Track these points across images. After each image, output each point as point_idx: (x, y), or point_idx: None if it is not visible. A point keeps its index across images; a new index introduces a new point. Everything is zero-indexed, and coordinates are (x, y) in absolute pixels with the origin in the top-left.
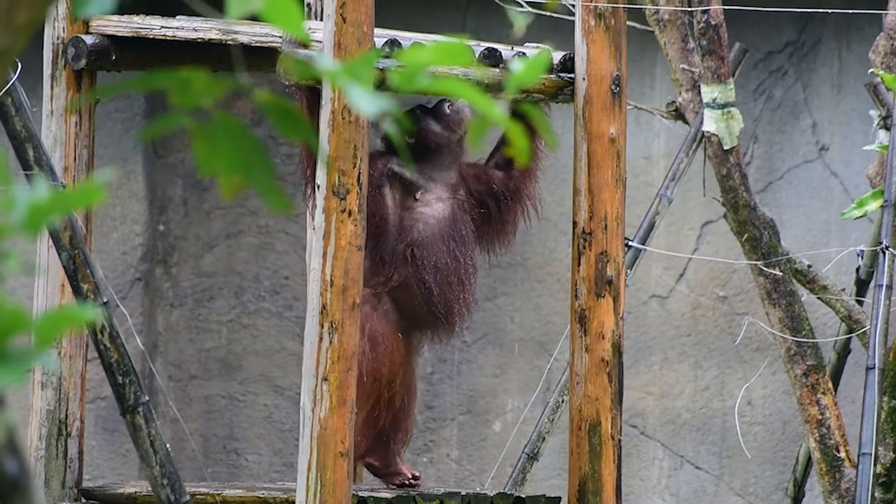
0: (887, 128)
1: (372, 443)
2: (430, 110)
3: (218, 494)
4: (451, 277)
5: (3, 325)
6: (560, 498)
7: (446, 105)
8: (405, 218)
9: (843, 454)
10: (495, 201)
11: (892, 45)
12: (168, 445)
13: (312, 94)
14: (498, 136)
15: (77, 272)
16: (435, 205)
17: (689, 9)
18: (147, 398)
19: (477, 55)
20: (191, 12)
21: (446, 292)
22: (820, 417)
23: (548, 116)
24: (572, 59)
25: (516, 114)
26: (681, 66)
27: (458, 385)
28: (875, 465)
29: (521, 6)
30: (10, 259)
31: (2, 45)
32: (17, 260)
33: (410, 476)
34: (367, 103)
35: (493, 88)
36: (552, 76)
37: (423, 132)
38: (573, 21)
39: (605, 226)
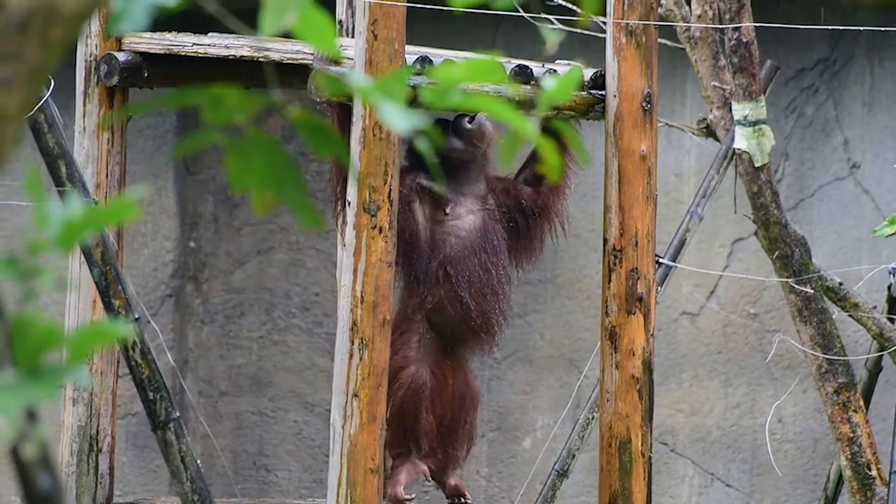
0: None
1: (429, 449)
2: (449, 125)
3: None
4: (486, 289)
5: (36, 340)
6: None
7: (465, 120)
8: (436, 233)
9: (874, 472)
10: (523, 216)
11: None
12: (199, 461)
13: (343, 111)
14: (527, 152)
15: (108, 288)
16: (466, 217)
17: (721, 26)
18: (178, 414)
19: (508, 72)
20: (223, 29)
21: (482, 305)
22: (851, 435)
23: (579, 133)
24: (603, 77)
25: (547, 130)
26: (712, 83)
27: (487, 402)
28: None
29: (553, 23)
30: (44, 275)
31: (36, 62)
32: (50, 276)
33: (462, 492)
34: (399, 120)
35: (525, 105)
36: (583, 93)
37: (444, 148)
38: (604, 38)
39: (636, 243)
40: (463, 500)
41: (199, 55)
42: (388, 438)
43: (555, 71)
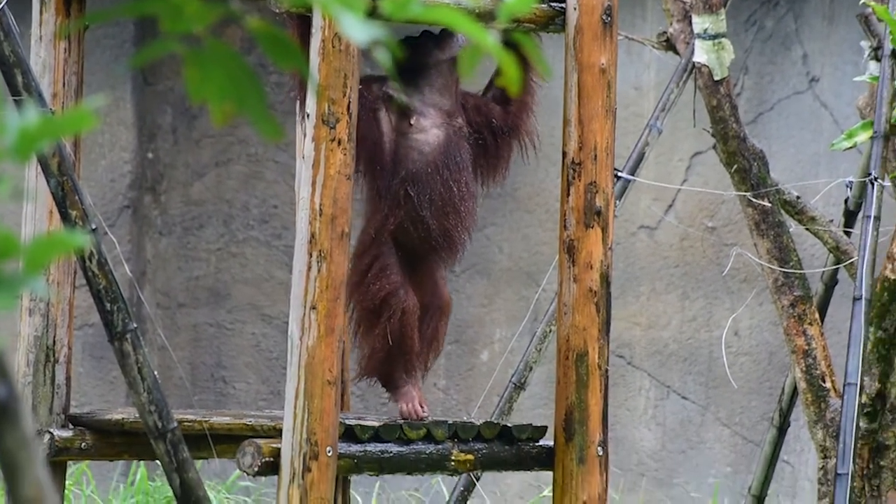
0: (878, 59)
1: (382, 363)
2: (434, 37)
3: (205, 422)
4: (448, 208)
5: None
6: (546, 427)
7: (456, 37)
8: (400, 145)
9: (828, 384)
10: (492, 134)
11: None
12: (156, 373)
13: (304, 23)
14: (493, 70)
15: (65, 199)
16: (431, 131)
17: None
18: (135, 325)
19: None
20: None
21: (444, 224)
22: (806, 348)
23: (539, 46)
24: None
25: (509, 44)
26: None
27: None
28: (860, 395)
29: None
30: (0, 185)
31: None
32: (7, 186)
33: (419, 406)
34: (358, 31)
35: (485, 17)
36: (543, 6)
37: (420, 56)
38: None
39: (595, 156)
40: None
41: None
42: (386, 367)
43: None
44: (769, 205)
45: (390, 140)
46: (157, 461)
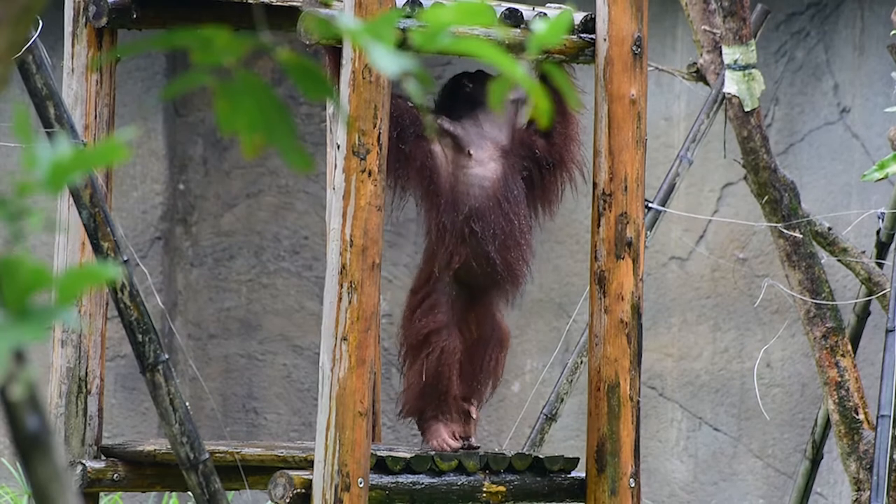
0: None
1: (416, 399)
2: (489, 74)
3: (237, 453)
4: (510, 241)
5: (24, 281)
6: (578, 459)
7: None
8: (459, 180)
9: (861, 416)
10: (538, 167)
11: None
12: (187, 404)
13: (336, 55)
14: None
15: (97, 230)
16: (488, 164)
17: None
18: (167, 356)
19: (498, 15)
20: None
21: (507, 258)
22: (839, 379)
23: (572, 77)
24: (593, 20)
25: (542, 77)
26: (702, 27)
27: None
28: (894, 427)
29: None
30: (32, 216)
31: (24, 2)
32: (39, 217)
33: (447, 437)
34: (389, 62)
35: (515, 49)
36: (573, 37)
37: (478, 91)
38: None
39: (626, 187)
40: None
41: None
42: (419, 403)
43: (545, 14)
44: (801, 236)
45: (448, 174)
46: (189, 492)
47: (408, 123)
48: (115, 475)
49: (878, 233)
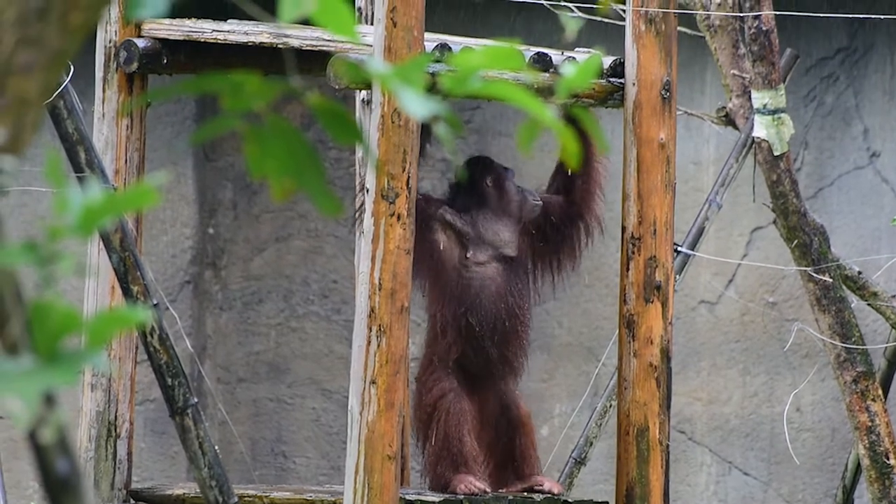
0: None
1: (434, 465)
2: (484, 163)
3: (266, 496)
4: (510, 336)
5: (55, 326)
6: (607, 503)
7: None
8: (462, 275)
9: (892, 461)
10: (555, 229)
11: None
12: (216, 447)
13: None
14: (555, 166)
15: (127, 274)
16: (490, 264)
17: (741, 14)
18: (196, 400)
19: (527, 59)
20: (242, 16)
21: (504, 351)
22: (870, 424)
23: (598, 121)
24: (622, 64)
25: (570, 121)
26: (731, 71)
27: None
28: None
29: (573, 11)
30: (63, 261)
31: (56, 47)
32: (70, 262)
33: (474, 481)
34: (418, 106)
35: (544, 93)
36: (602, 81)
37: (475, 182)
38: (623, 26)
39: (655, 231)
40: (550, 492)
41: (219, 42)
42: (439, 467)
43: (574, 58)
44: (830, 280)
45: (452, 267)
46: None
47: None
48: None
49: None
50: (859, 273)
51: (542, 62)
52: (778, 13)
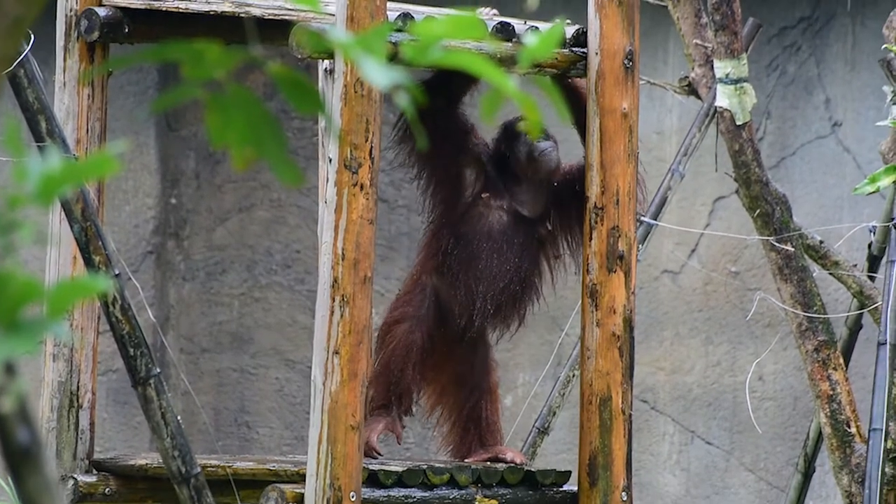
0: None
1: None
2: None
3: (229, 467)
4: (504, 293)
5: (15, 295)
6: (570, 472)
7: (539, 147)
8: (471, 208)
9: (853, 430)
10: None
11: None
12: (179, 418)
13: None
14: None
15: (89, 244)
16: (495, 212)
17: None
18: (158, 370)
19: (490, 29)
20: None
21: (493, 305)
22: (831, 393)
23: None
24: (585, 34)
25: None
26: (694, 41)
27: None
28: (886, 440)
29: None
30: (23, 229)
31: (15, 15)
32: (30, 230)
33: (373, 439)
34: (380, 76)
35: (506, 62)
36: (565, 51)
37: (509, 159)
38: None
39: (617, 201)
40: (507, 459)
41: (181, 10)
42: (372, 390)
43: (536, 28)
44: (792, 249)
45: (466, 198)
46: None
47: (456, 135)
48: (107, 489)
49: (869, 246)
50: (821, 242)
51: (505, 31)
52: None
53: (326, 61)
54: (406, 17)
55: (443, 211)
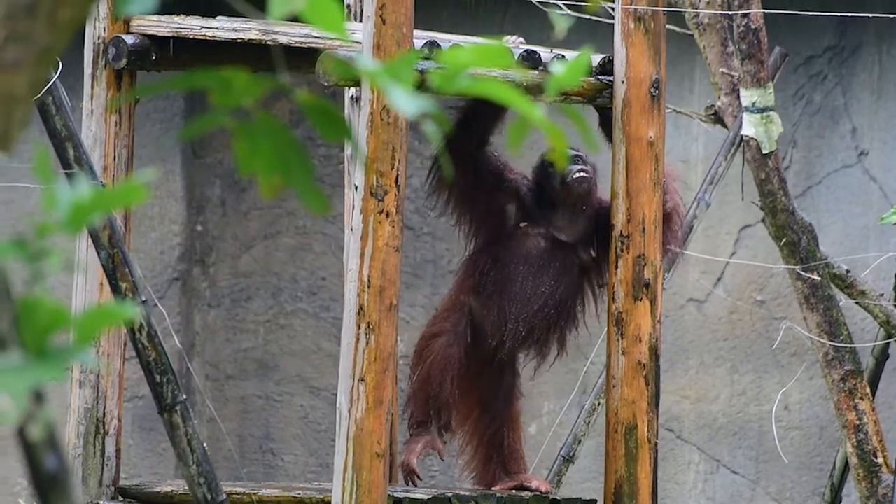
0: None
1: (410, 400)
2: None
3: (254, 494)
4: (539, 318)
5: (43, 322)
6: (595, 501)
7: (573, 171)
8: (510, 237)
9: (880, 460)
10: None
11: None
12: (205, 444)
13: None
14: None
15: (116, 271)
16: (533, 239)
17: (730, 13)
18: (184, 397)
19: (516, 57)
20: (231, 12)
21: (527, 330)
22: (857, 423)
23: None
24: (611, 62)
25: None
26: (720, 69)
27: None
28: None
29: (562, 9)
30: (52, 257)
31: (45, 44)
32: (58, 258)
33: (412, 460)
34: (407, 104)
35: (533, 91)
36: (591, 79)
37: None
38: (612, 24)
39: (643, 229)
40: (532, 488)
41: (208, 38)
42: (411, 407)
43: (563, 56)
44: (819, 278)
45: (506, 231)
46: None
47: (489, 178)
48: None
49: (895, 276)
50: (847, 271)
51: (532, 60)
52: (767, 11)
53: (353, 89)
54: (433, 45)
55: (483, 239)
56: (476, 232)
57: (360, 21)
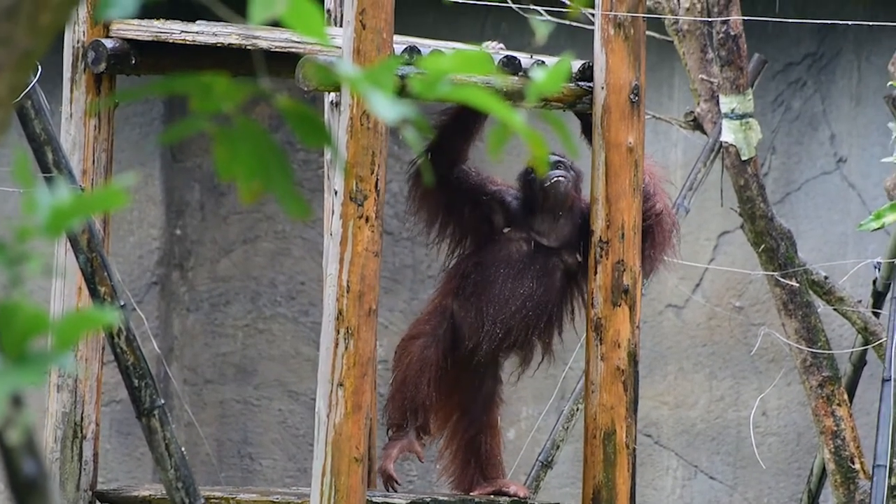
0: None
1: (389, 402)
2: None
3: (232, 498)
4: (519, 322)
5: (22, 326)
6: None
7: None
8: (494, 242)
9: (857, 466)
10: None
11: None
12: (183, 449)
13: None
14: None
15: (94, 275)
16: (515, 243)
17: (709, 19)
18: (162, 402)
19: (496, 63)
20: (211, 17)
21: (506, 333)
22: (835, 429)
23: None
24: (591, 68)
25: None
26: (699, 76)
27: None
28: (890, 476)
29: (542, 15)
30: (31, 261)
31: (25, 47)
32: (37, 262)
33: (389, 466)
34: (387, 109)
35: (513, 96)
36: (571, 85)
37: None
38: (592, 30)
39: (622, 235)
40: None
41: (188, 43)
42: (388, 410)
43: (543, 62)
44: (797, 285)
45: (491, 238)
46: None
47: (466, 195)
48: None
49: (874, 282)
50: (826, 278)
51: (512, 66)
52: (746, 18)
53: (332, 94)
54: (413, 50)
55: (467, 248)
56: (459, 244)
57: (341, 26)
